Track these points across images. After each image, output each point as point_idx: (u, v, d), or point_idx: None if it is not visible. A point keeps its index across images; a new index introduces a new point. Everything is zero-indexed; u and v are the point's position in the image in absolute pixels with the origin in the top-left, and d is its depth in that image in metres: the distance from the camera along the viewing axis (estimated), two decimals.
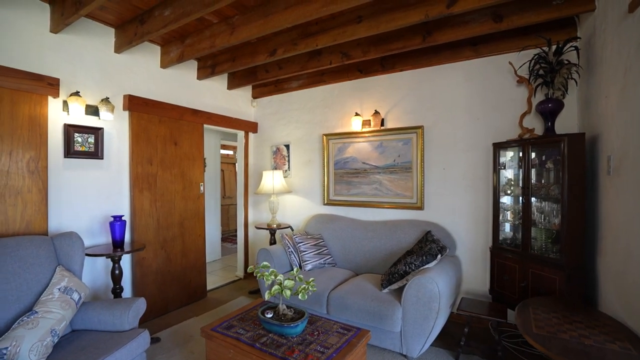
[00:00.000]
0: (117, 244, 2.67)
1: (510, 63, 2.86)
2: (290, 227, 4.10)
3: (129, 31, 2.80)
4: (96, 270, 2.86)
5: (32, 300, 1.96)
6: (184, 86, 3.63)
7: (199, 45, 2.98)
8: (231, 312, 2.27)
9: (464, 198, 3.14)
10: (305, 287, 1.96)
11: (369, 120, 3.60)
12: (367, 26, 2.59)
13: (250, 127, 4.51)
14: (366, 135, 3.65)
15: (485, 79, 3.03)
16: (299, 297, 1.95)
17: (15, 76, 2.32)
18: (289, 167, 4.34)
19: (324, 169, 3.96)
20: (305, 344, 1.83)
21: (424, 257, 2.61)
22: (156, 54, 3.33)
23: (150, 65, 3.30)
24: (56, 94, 2.53)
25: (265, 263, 2.10)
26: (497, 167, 2.80)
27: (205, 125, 3.85)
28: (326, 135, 3.92)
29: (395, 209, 3.51)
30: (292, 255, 3.33)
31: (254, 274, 2.05)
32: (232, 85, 4.16)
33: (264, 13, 2.53)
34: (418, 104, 3.38)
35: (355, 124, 3.63)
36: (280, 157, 4.43)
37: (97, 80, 2.85)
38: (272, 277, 2.02)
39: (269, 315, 2.00)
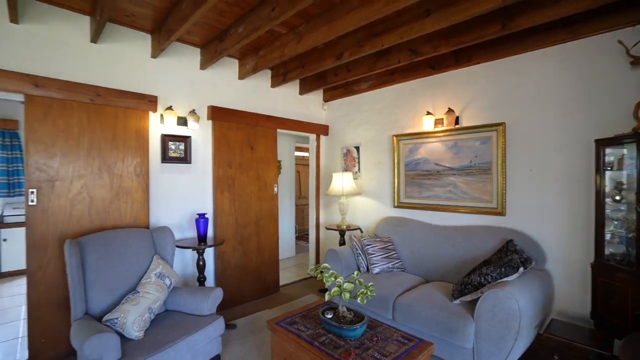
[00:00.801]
0: (201, 238, 3.03)
1: (620, 42, 2.37)
2: (359, 228, 4.09)
3: (211, 49, 3.15)
4: (185, 260, 3.30)
5: (135, 282, 2.36)
6: (258, 94, 3.93)
7: (270, 55, 3.19)
8: (295, 309, 2.38)
9: (556, 203, 2.71)
10: (363, 292, 1.94)
11: (442, 119, 3.37)
12: (435, 19, 2.43)
13: (321, 130, 4.64)
14: (439, 134, 3.43)
15: (584, 63, 2.57)
16: (358, 300, 1.94)
17: (126, 97, 2.82)
18: (358, 169, 4.34)
19: (394, 170, 3.85)
20: (363, 349, 1.81)
21: (503, 269, 2.34)
22: (234, 67, 3.68)
23: (230, 77, 3.65)
24: (155, 109, 3.00)
25: (325, 265, 2.14)
26: (601, 167, 2.35)
27: (278, 130, 4.09)
28: (396, 136, 3.81)
29: (471, 213, 3.22)
30: (360, 258, 3.32)
31: (315, 275, 2.11)
32: (303, 90, 4.34)
33: (328, 19, 2.58)
34: (498, 98, 3.04)
35: (427, 124, 3.44)
36: (350, 159, 4.45)
37: (186, 95, 3.28)
38: (332, 278, 2.05)
39: (329, 316, 2.04)
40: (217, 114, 3.45)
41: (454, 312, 2.34)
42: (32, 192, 2.40)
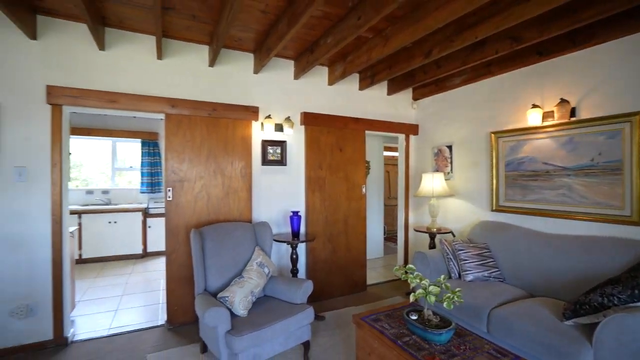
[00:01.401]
0: (295, 234, 3.33)
1: None
2: (451, 232, 3.87)
3: (303, 60, 3.44)
4: (280, 253, 3.66)
5: (241, 268, 2.76)
6: (347, 98, 4.08)
7: (358, 60, 3.30)
8: (380, 307, 2.43)
9: None
10: (450, 296, 1.89)
11: (552, 111, 2.96)
12: (540, 0, 2.18)
13: (410, 129, 4.54)
14: (549, 130, 3.02)
15: None
16: (444, 305, 1.89)
17: (235, 110, 3.31)
18: (451, 169, 4.11)
19: (492, 170, 3.53)
20: (448, 355, 1.76)
21: (637, 291, 1.95)
22: (324, 74, 3.91)
23: (320, 84, 3.90)
24: (256, 118, 3.44)
25: (411, 266, 2.14)
26: None
27: (367, 131, 4.18)
28: (495, 133, 3.48)
29: (591, 221, 2.74)
30: (451, 263, 3.16)
31: (399, 275, 2.13)
32: (391, 90, 4.32)
33: (414, 19, 2.56)
34: (631, 83, 2.52)
35: (533, 118, 3.06)
36: (442, 159, 4.24)
37: (282, 104, 3.65)
38: (417, 280, 2.04)
39: (413, 317, 2.04)
40: (309, 120, 3.73)
41: (565, 334, 2.06)
42: (169, 190, 3.05)
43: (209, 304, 2.23)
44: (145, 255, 5.74)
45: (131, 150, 6.45)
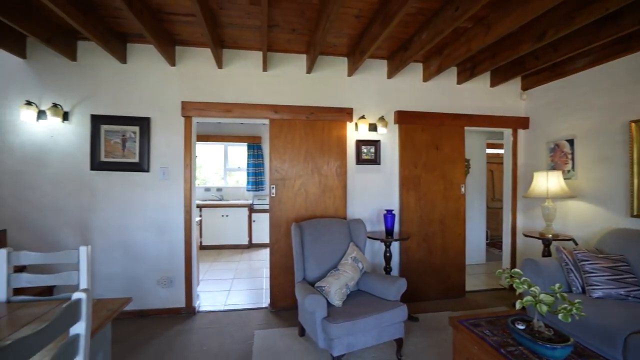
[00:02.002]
0: (389, 232, 3.34)
1: None
2: (572, 239, 3.33)
3: (396, 59, 3.42)
4: (373, 250, 3.72)
5: (336, 261, 2.91)
6: (443, 94, 3.90)
7: (455, 53, 3.14)
8: (481, 313, 2.28)
9: None
10: (568, 308, 1.66)
11: None
12: None
13: (518, 123, 4.07)
14: None
15: None
16: (559, 317, 1.67)
17: (330, 112, 3.51)
18: (572, 167, 3.53)
19: (631, 168, 2.92)
20: None
21: None
22: (418, 70, 3.81)
23: (414, 81, 3.82)
24: (351, 120, 3.57)
25: (516, 270, 1.95)
26: None
27: (466, 128, 3.91)
28: (637, 122, 2.88)
29: None
30: (572, 275, 2.74)
31: (503, 281, 1.96)
32: (495, 82, 3.95)
33: (521, 1, 2.31)
34: None
35: None
36: (561, 155, 3.68)
37: (375, 104, 3.70)
38: (525, 286, 1.85)
39: (521, 327, 1.86)
40: (403, 118, 3.69)
41: None
42: (273, 188, 3.42)
43: (308, 291, 2.44)
44: (251, 246, 6.48)
45: (239, 152, 7.35)
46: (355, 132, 3.66)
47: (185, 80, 3.39)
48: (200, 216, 6.21)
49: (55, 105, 3.12)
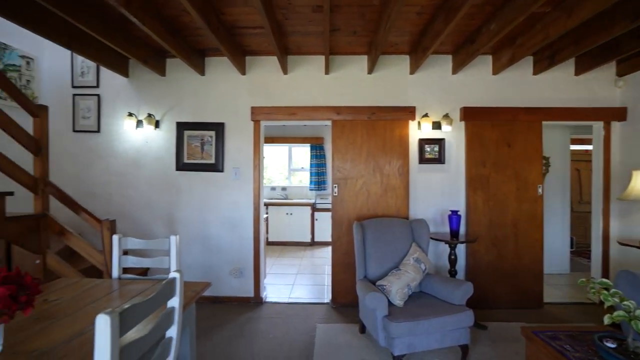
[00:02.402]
0: (454, 233, 3.20)
1: None
2: None
3: (462, 53, 3.27)
4: (437, 252, 3.59)
5: (397, 261, 2.90)
6: (515, 86, 3.60)
7: (530, 41, 2.89)
8: (560, 325, 2.08)
9: None
10: None
11: None
12: None
13: (612, 114, 3.57)
14: None
15: None
16: None
17: (391, 111, 3.49)
18: None
19: None
20: None
21: None
22: (486, 63, 3.58)
23: (482, 75, 3.60)
24: (413, 118, 3.51)
25: (604, 280, 1.75)
26: None
27: (544, 122, 3.56)
28: None
29: None
30: None
31: (588, 292, 1.77)
32: (580, 69, 3.52)
33: None
34: None
35: None
36: None
37: (439, 101, 3.58)
38: (616, 299, 1.65)
39: (611, 345, 1.66)
40: (470, 114, 3.50)
41: None
42: (335, 187, 3.52)
43: (369, 289, 2.48)
44: (313, 243, 6.69)
45: (302, 153, 7.64)
46: (417, 130, 3.58)
47: (254, 87, 3.67)
48: (267, 214, 6.61)
49: (149, 115, 3.64)
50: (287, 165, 7.61)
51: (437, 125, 3.54)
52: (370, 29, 3.01)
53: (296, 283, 4.40)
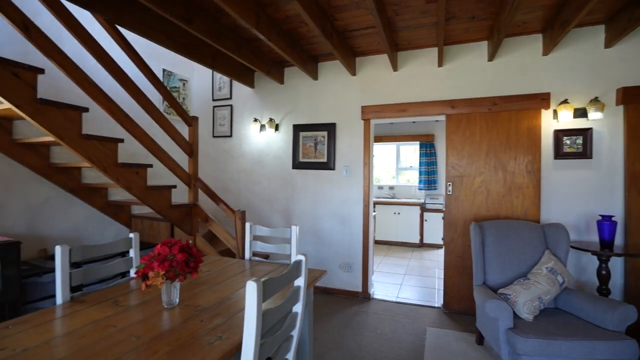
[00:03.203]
0: (605, 243, 2.63)
1: None
2: None
3: (623, 19, 2.63)
4: (580, 265, 2.98)
5: (525, 270, 2.54)
6: None
7: None
8: None
9: None
10: None
11: None
12: None
13: None
14: None
15: None
16: None
17: (518, 100, 3.07)
18: None
19: None
20: None
21: None
22: None
23: None
24: (547, 106, 3.00)
25: None
26: None
27: None
28: None
29: None
30: None
31: None
32: None
33: None
34: None
35: None
36: None
37: (584, 84, 2.97)
38: None
39: None
40: (633, 97, 2.80)
41: None
42: (449, 185, 3.30)
43: (489, 296, 2.25)
44: (422, 245, 6.41)
45: (410, 151, 7.40)
46: (552, 120, 3.05)
47: (364, 87, 3.75)
48: (374, 212, 6.64)
49: (270, 120, 4.12)
50: (394, 164, 7.49)
51: (580, 113, 2.95)
52: (492, 11, 2.72)
53: (404, 283, 4.30)
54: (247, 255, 2.38)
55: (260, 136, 4.26)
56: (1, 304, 2.22)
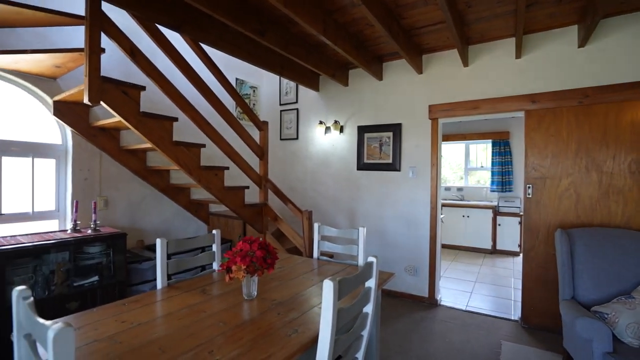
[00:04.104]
0: None
1: None
2: None
3: None
4: None
5: (628, 287, 2.20)
6: None
7: None
8: None
9: None
10: None
11: None
12: None
13: None
14: None
15: None
16: None
17: (619, 90, 2.68)
18: None
19: None
20: None
21: None
22: None
23: None
24: None
25: None
26: None
27: None
28: None
29: None
30: None
31: None
32: None
33: None
34: None
35: None
36: None
37: None
38: None
39: None
40: None
41: None
42: (529, 187, 3.01)
43: (580, 313, 2.00)
44: (494, 252, 5.93)
45: (480, 150, 6.89)
46: None
47: (431, 85, 3.61)
48: (442, 214, 6.34)
49: (335, 122, 4.19)
50: (463, 164, 7.05)
51: None
52: None
53: (475, 292, 4.04)
54: (315, 254, 2.47)
55: (325, 138, 4.37)
56: (113, 285, 2.64)
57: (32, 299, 0.93)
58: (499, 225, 5.86)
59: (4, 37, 2.41)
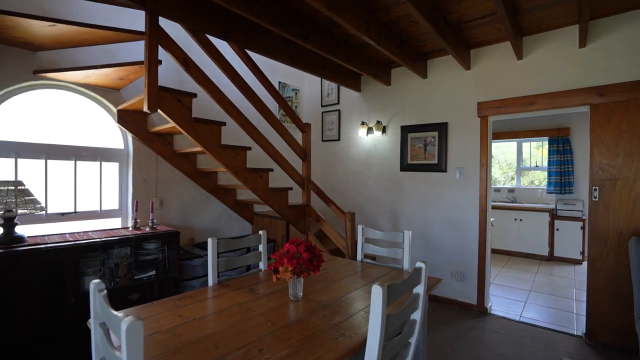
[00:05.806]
0: None
1: None
2: None
3: None
4: None
5: None
6: None
7: None
8: None
9: None
10: None
11: None
12: None
13: None
14: None
15: None
16: None
17: None
18: None
19: None
20: None
21: None
22: None
23: None
24: None
25: None
26: None
27: None
28: None
29: None
30: None
31: None
32: None
33: None
34: None
35: None
36: None
37: None
38: None
39: None
40: None
41: None
42: (595, 190, 2.73)
43: None
44: (551, 258, 5.46)
45: (534, 149, 6.39)
46: None
47: (480, 81, 3.42)
48: (492, 218, 5.98)
49: (378, 122, 4.13)
50: (514, 164, 6.60)
51: None
52: None
53: (530, 301, 3.75)
54: (359, 256, 2.45)
55: (367, 139, 4.32)
56: (167, 280, 2.82)
57: (105, 291, 1.03)
58: (557, 230, 5.39)
59: (78, 55, 2.69)
